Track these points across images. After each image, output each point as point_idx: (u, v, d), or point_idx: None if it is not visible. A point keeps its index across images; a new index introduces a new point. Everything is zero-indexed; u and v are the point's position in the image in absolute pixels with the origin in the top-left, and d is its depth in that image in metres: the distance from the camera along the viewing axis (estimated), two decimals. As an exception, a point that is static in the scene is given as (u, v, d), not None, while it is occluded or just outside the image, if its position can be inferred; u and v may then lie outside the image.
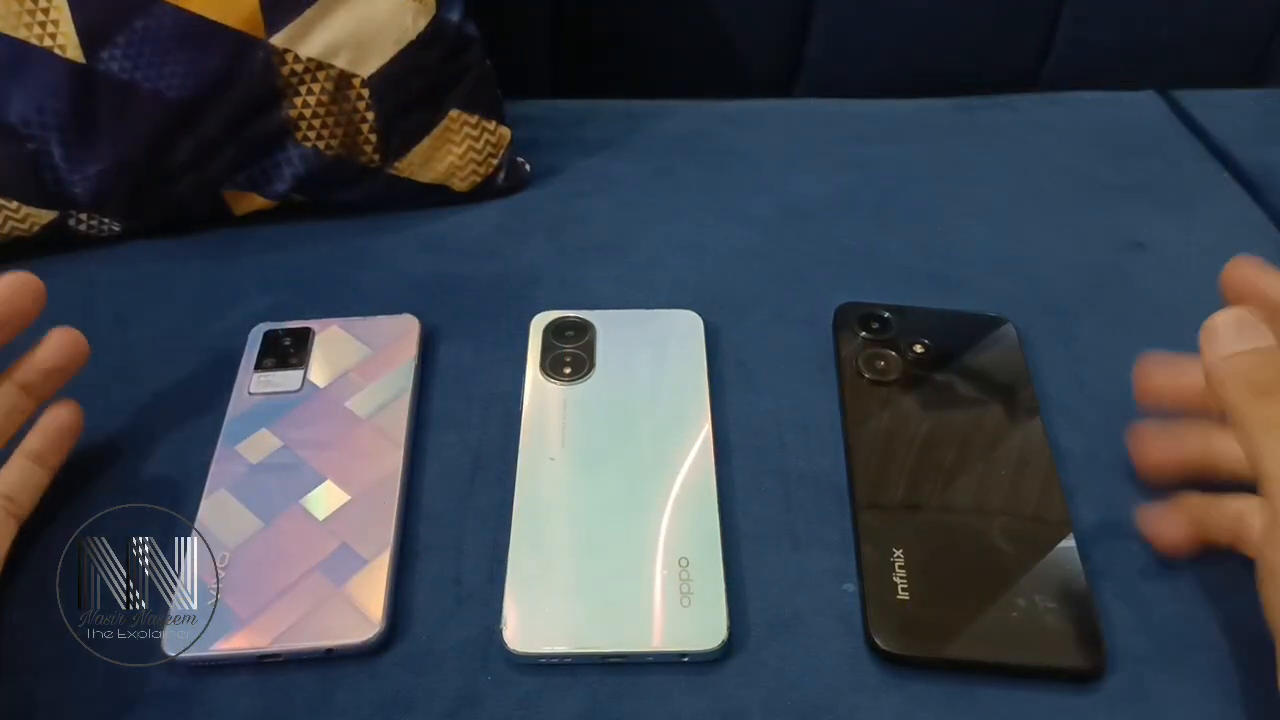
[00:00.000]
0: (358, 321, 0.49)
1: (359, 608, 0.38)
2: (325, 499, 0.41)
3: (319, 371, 0.47)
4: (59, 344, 0.40)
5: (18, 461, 0.39)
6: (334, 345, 0.48)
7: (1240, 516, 0.36)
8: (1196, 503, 0.38)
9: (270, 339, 0.48)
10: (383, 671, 0.37)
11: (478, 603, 0.39)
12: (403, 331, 0.48)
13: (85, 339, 0.41)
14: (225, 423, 0.44)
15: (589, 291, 0.52)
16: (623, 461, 0.43)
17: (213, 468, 0.43)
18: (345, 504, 0.41)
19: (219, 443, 0.43)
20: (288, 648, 0.37)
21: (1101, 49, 0.76)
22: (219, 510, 0.41)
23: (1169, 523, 0.38)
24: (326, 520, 0.41)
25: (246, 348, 0.48)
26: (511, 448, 0.43)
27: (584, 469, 0.43)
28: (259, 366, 0.47)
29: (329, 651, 0.37)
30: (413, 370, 0.47)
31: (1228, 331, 0.36)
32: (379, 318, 0.49)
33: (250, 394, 0.45)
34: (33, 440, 0.40)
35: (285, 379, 0.46)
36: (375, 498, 0.41)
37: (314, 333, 0.48)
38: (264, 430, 0.44)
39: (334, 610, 0.37)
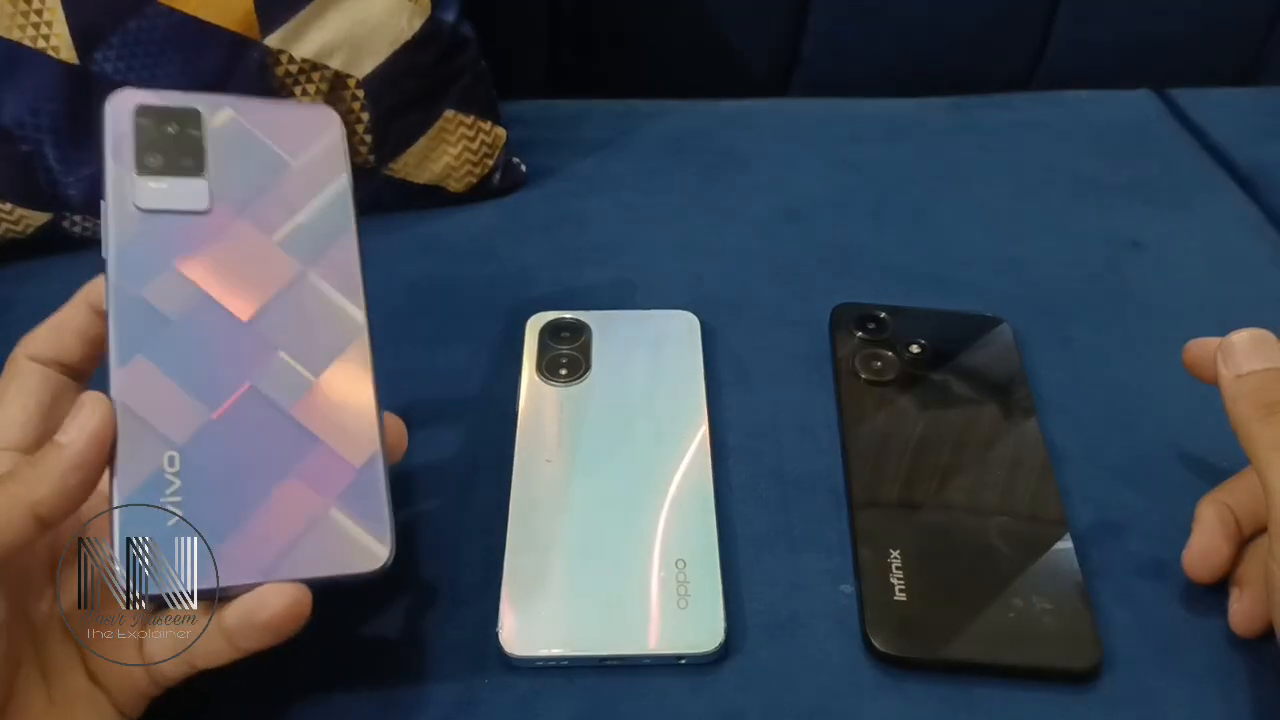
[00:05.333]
0: (258, 108, 0.36)
1: (362, 528, 0.32)
2: (283, 381, 0.33)
3: (226, 184, 0.34)
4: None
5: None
6: (235, 144, 0.35)
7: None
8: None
9: (145, 123, 0.34)
10: (379, 675, 0.37)
11: (474, 605, 0.39)
12: (318, 128, 0.36)
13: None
14: (113, 246, 0.33)
15: (585, 292, 0.52)
16: (619, 463, 0.43)
17: (114, 317, 0.32)
18: (308, 387, 0.33)
19: (111, 278, 0.32)
20: (283, 579, 0.31)
21: (1097, 48, 0.76)
22: (144, 386, 0.32)
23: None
24: (293, 409, 0.33)
25: (108, 127, 0.34)
26: (507, 449, 0.43)
27: (580, 470, 0.43)
28: (142, 166, 0.33)
29: (333, 581, 0.32)
30: (349, 192, 0.36)
31: (1243, 350, 0.36)
32: (284, 105, 0.38)
33: (141, 209, 0.33)
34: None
35: (185, 191, 0.34)
36: (344, 378, 0.34)
37: (201, 116, 0.35)
38: (172, 270, 0.33)
39: (327, 533, 0.32)
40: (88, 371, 0.35)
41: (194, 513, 0.31)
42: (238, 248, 0.34)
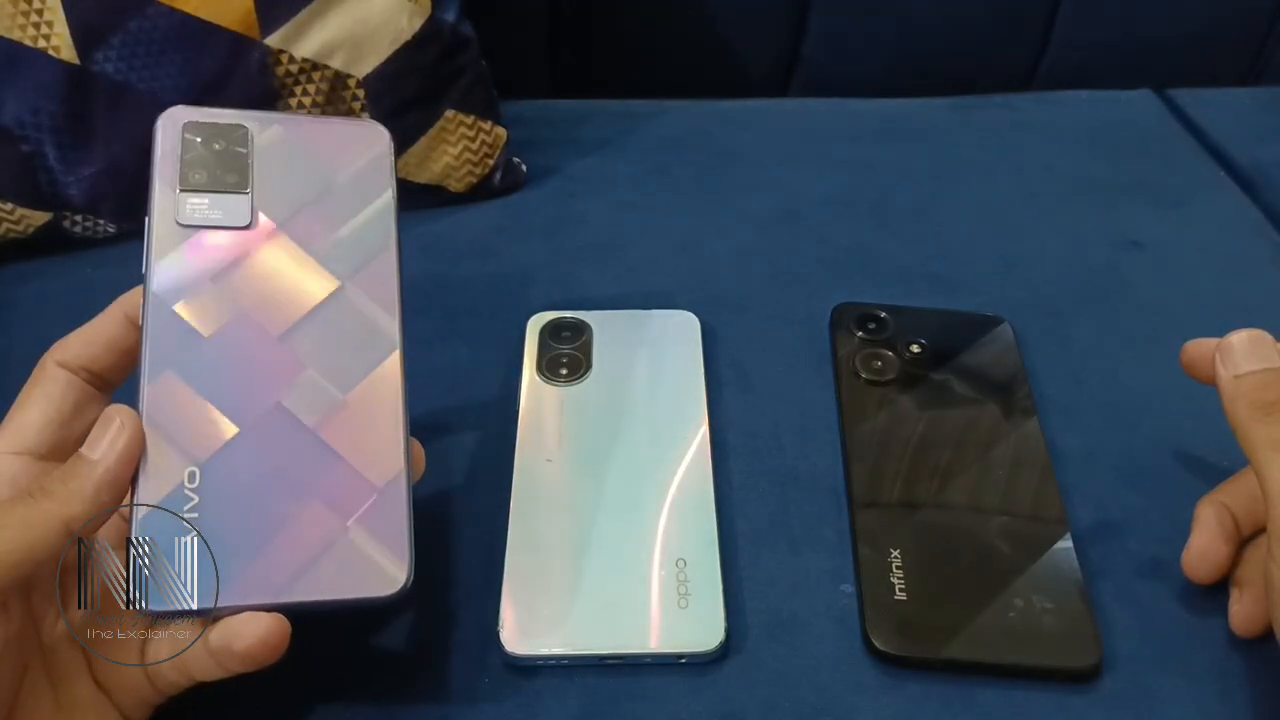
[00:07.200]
0: (307, 125, 0.37)
1: (379, 551, 0.32)
2: (311, 398, 0.33)
3: (269, 200, 0.34)
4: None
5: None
6: (281, 160, 0.35)
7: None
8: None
9: (193, 140, 0.34)
10: (379, 674, 0.37)
11: (475, 605, 0.39)
12: (369, 144, 0.36)
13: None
14: (154, 263, 0.33)
15: (585, 292, 0.52)
16: (620, 462, 0.43)
17: (148, 332, 0.32)
18: (337, 406, 0.33)
19: (148, 293, 0.33)
20: (297, 600, 0.31)
21: (1097, 48, 0.76)
22: (171, 402, 0.32)
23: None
24: (319, 428, 0.33)
25: (158, 144, 0.34)
26: (508, 449, 0.43)
27: (581, 470, 0.43)
28: (186, 184, 0.34)
29: (350, 604, 0.32)
30: (392, 208, 0.36)
31: (1242, 350, 0.36)
32: (335, 121, 0.38)
33: (181, 224, 0.33)
34: None
35: (228, 207, 0.34)
36: (373, 397, 0.33)
37: (249, 132, 0.35)
38: (212, 286, 0.33)
39: (345, 554, 0.31)
40: (116, 382, 0.35)
41: (211, 529, 0.31)
42: (276, 262, 0.34)
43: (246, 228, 0.34)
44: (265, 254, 0.34)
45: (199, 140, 0.34)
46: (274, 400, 0.33)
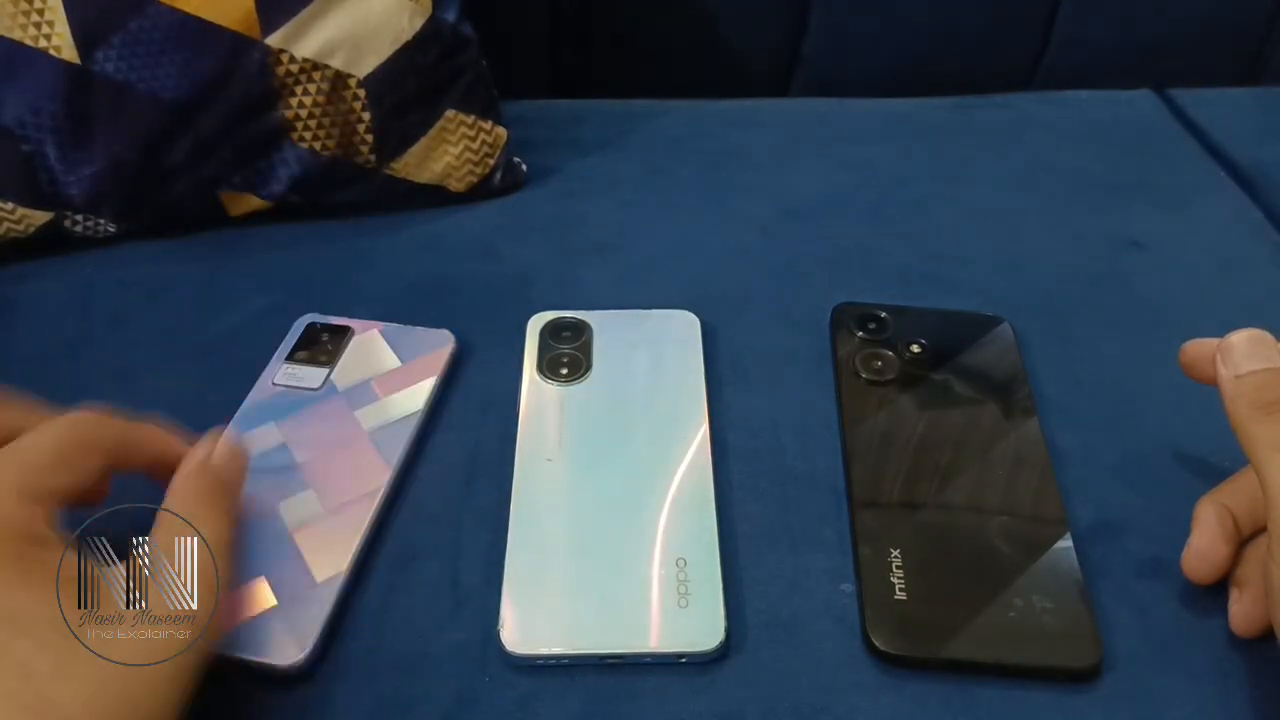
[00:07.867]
0: (398, 329, 0.49)
1: (293, 629, 0.37)
2: (301, 509, 0.41)
3: (343, 373, 0.47)
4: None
5: None
6: (367, 350, 0.48)
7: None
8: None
9: (310, 332, 0.48)
10: (380, 674, 0.37)
11: (475, 604, 0.39)
12: (435, 346, 0.48)
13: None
14: (243, 406, 0.45)
15: (586, 291, 0.52)
16: (620, 462, 0.43)
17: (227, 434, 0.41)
18: (317, 517, 0.41)
19: (232, 422, 0.44)
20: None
21: (1098, 48, 0.76)
22: None
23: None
24: (294, 531, 0.40)
25: (287, 335, 0.48)
26: (508, 449, 0.43)
27: (581, 470, 0.43)
28: (290, 357, 0.47)
29: (249, 666, 0.36)
30: (431, 389, 0.46)
31: (1242, 350, 0.37)
32: (418, 329, 0.49)
33: (274, 384, 0.46)
34: None
35: (309, 375, 0.46)
36: (347, 518, 0.41)
37: (353, 333, 0.48)
38: (272, 424, 0.44)
39: (268, 625, 0.37)
40: (125, 470, 0.38)
41: None
42: (324, 414, 0.45)
43: (315, 389, 0.46)
44: (320, 408, 0.45)
45: (311, 333, 0.48)
46: (273, 505, 0.41)
